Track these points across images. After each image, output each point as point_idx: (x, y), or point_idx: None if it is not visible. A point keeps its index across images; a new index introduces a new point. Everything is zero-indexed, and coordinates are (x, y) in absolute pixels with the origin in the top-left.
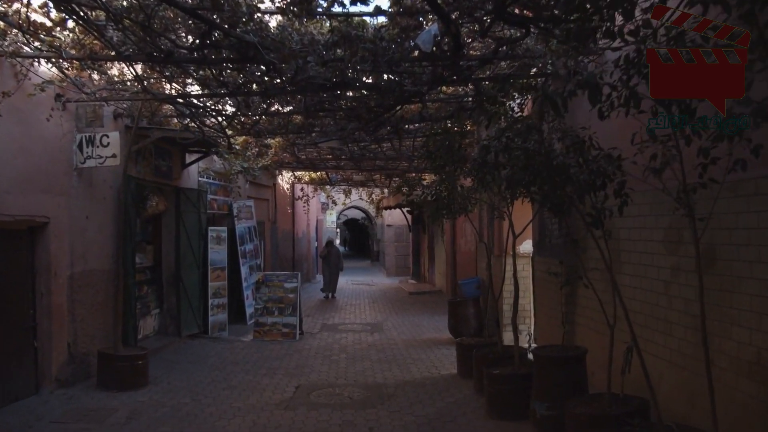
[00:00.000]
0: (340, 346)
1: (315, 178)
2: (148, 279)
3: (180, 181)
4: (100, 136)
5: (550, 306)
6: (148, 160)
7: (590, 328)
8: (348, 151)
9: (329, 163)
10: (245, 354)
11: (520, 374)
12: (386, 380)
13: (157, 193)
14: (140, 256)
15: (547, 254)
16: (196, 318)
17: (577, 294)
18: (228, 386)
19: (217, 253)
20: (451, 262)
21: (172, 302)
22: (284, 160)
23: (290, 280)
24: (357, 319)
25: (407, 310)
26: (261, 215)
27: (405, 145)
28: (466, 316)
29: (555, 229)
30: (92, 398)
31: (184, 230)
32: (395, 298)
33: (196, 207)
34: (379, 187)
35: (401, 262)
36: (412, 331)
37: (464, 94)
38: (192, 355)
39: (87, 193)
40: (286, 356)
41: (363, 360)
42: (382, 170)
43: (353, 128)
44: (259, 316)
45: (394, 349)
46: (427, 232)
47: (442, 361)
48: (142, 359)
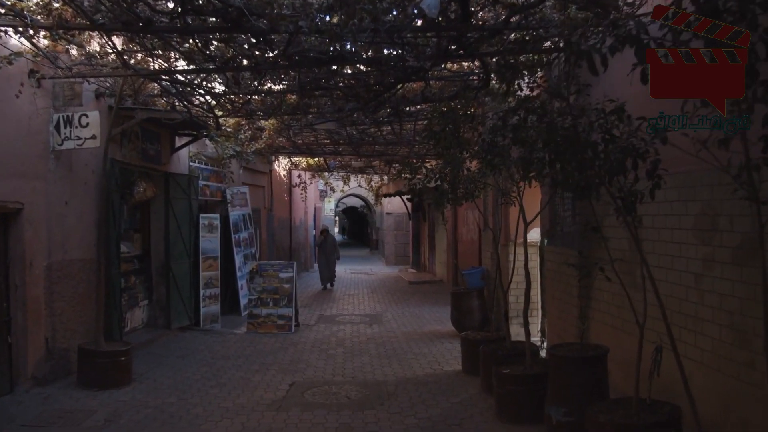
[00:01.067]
0: (338, 339)
1: (312, 164)
2: (136, 269)
3: (169, 166)
4: (78, 115)
5: (563, 299)
6: (135, 144)
7: (607, 324)
8: (346, 135)
9: (327, 149)
10: (237, 347)
11: (533, 374)
12: (386, 377)
13: (144, 179)
14: (127, 244)
15: (559, 243)
16: (186, 309)
17: (592, 287)
18: (217, 383)
19: (209, 242)
20: (453, 251)
21: (161, 293)
22: (280, 145)
23: (286, 269)
24: (355, 310)
25: (407, 300)
26: (256, 202)
27: (405, 128)
28: (470, 308)
29: (568, 216)
30: (70, 398)
31: (173, 218)
32: (395, 287)
33: (187, 193)
34: (379, 174)
35: (401, 251)
36: (413, 323)
37: (470, 71)
38: (181, 349)
39: (66, 178)
40: (280, 350)
41: (361, 354)
42: (382, 156)
43: (351, 109)
44: (253, 307)
45: (394, 343)
46: (427, 220)
47: (445, 356)
48: (125, 355)
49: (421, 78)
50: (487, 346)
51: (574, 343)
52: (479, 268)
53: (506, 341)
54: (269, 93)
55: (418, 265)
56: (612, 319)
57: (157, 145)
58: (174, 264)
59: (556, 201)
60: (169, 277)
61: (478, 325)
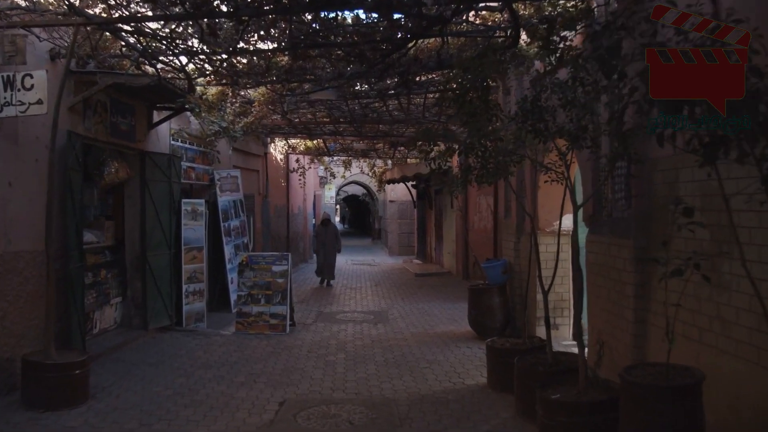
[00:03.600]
0: (338, 342)
1: (311, 147)
2: (107, 261)
3: (146, 143)
4: (21, 76)
5: (611, 300)
6: (102, 116)
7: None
8: (347, 111)
9: (326, 128)
10: (222, 353)
11: (593, 402)
12: (396, 393)
13: (117, 158)
14: (97, 233)
15: (607, 232)
16: (166, 307)
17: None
18: (192, 402)
19: (193, 230)
20: (463, 241)
21: (136, 289)
22: (274, 124)
23: (279, 262)
24: (358, 306)
25: (414, 294)
26: (250, 188)
27: (415, 102)
28: (491, 307)
29: (620, 199)
30: (7, 422)
31: (151, 203)
32: (400, 280)
33: (167, 175)
34: (382, 158)
35: (405, 241)
36: (423, 321)
37: (496, 26)
38: (157, 354)
39: (9, 154)
40: (272, 355)
41: (366, 362)
42: (386, 137)
43: (354, 74)
44: (243, 304)
45: (403, 347)
46: (433, 208)
47: (464, 365)
48: (80, 367)
49: (439, 32)
50: (524, 359)
51: (655, 363)
52: (500, 261)
53: (547, 352)
54: (255, 52)
55: (424, 256)
56: (700, 332)
57: (131, 120)
58: (151, 255)
59: (601, 179)
60: (146, 271)
61: (499, 326)
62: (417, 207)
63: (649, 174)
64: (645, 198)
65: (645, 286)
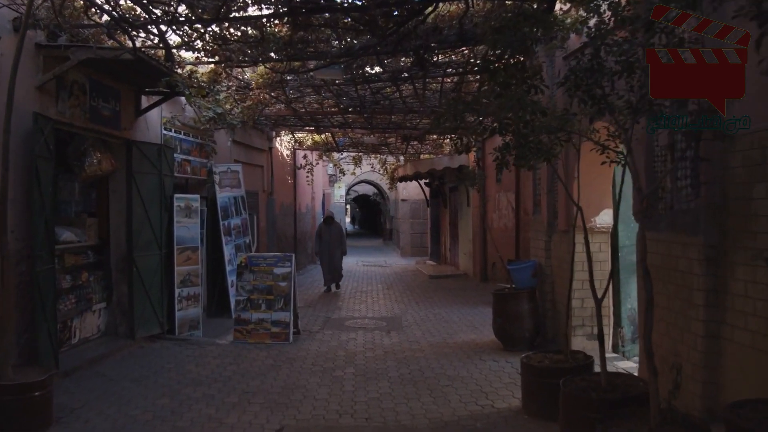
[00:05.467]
0: (347, 354)
1: (319, 142)
2: (89, 263)
3: (133, 132)
4: None
5: (676, 311)
6: (79, 99)
7: None
8: (357, 97)
9: (334, 119)
10: (216, 365)
11: None
12: (414, 419)
13: (100, 148)
14: (77, 231)
15: (665, 227)
16: (156, 314)
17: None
18: (173, 429)
19: (187, 229)
20: (481, 241)
21: (122, 293)
22: (278, 114)
23: (282, 263)
24: (369, 311)
25: (430, 298)
26: (253, 184)
27: (430, 88)
28: (519, 315)
29: (685, 187)
30: None
31: (138, 198)
32: (413, 282)
33: (157, 167)
34: (394, 153)
35: (417, 241)
36: (441, 329)
37: None
38: (142, 368)
39: None
40: (271, 369)
41: (378, 378)
42: (399, 129)
43: (363, 47)
44: (242, 310)
45: (420, 360)
46: (448, 207)
47: (492, 383)
48: (41, 388)
49: None
50: (571, 382)
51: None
52: (529, 262)
53: (600, 374)
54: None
55: (438, 257)
56: None
57: (115, 105)
58: (139, 256)
59: (657, 164)
60: (133, 273)
61: (528, 337)
62: (430, 205)
63: (723, 156)
64: (717, 185)
65: (718, 292)
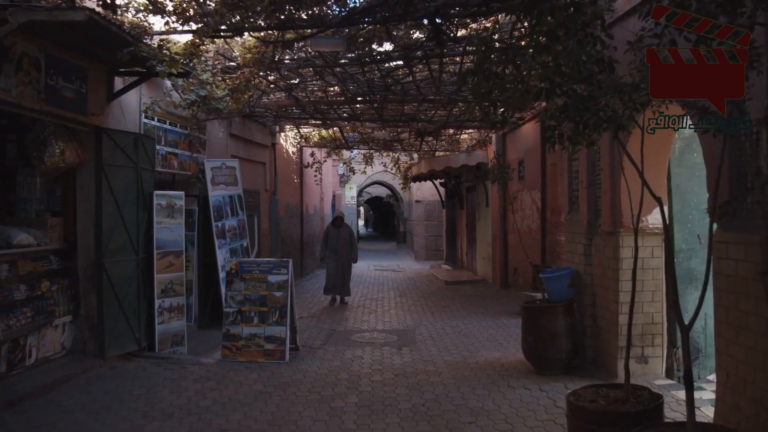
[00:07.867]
0: (350, 377)
1: (326, 138)
2: (52, 270)
3: (104, 118)
4: None
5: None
6: (31, 76)
7: None
8: (365, 81)
9: (341, 110)
10: (195, 392)
11: None
12: None
13: (63, 136)
14: (36, 233)
15: (753, 228)
16: (132, 329)
17: None
18: None
19: (169, 230)
20: (501, 244)
21: (91, 305)
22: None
23: (277, 270)
24: (378, 322)
25: (446, 307)
26: (254, 182)
27: (447, 71)
28: (554, 332)
29: None
30: None
31: (110, 195)
32: (428, 289)
33: (133, 160)
34: (407, 150)
35: (432, 244)
36: (459, 345)
37: None
38: (106, 395)
39: None
40: (259, 397)
41: (385, 412)
42: (412, 122)
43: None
44: (231, 324)
45: (436, 386)
46: (465, 208)
47: (525, 420)
48: None
49: None
50: None
51: None
52: (566, 269)
53: (687, 423)
54: None
55: (454, 261)
56: None
57: (80, 86)
58: (111, 262)
59: (746, 144)
60: (103, 282)
61: (565, 358)
62: (446, 207)
63: None
64: None
65: None
